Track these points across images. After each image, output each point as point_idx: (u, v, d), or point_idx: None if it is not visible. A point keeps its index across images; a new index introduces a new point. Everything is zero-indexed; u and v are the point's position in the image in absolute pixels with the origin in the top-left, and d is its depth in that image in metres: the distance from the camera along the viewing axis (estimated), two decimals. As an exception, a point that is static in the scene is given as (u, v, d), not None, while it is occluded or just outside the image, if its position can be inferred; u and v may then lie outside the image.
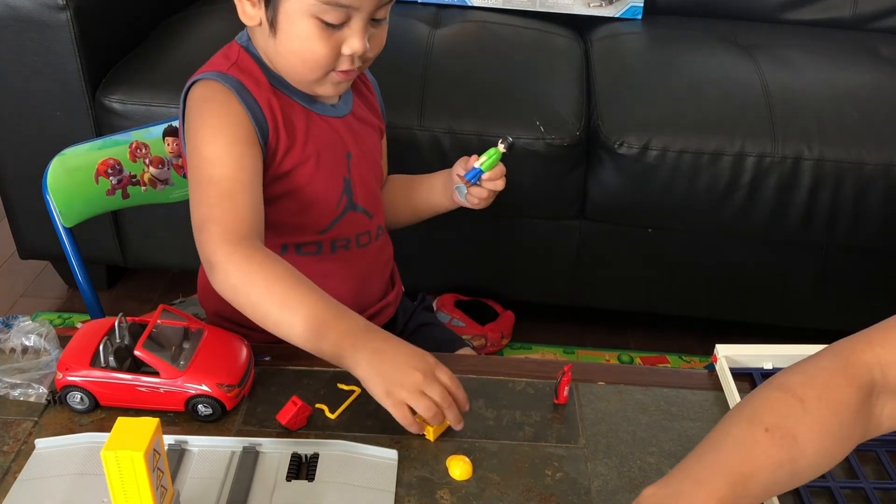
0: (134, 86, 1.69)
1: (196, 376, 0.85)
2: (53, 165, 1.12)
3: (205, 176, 0.94)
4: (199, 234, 0.93)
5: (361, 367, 0.85)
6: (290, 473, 0.80)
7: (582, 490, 0.81)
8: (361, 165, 1.09)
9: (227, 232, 0.90)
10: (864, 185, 1.66)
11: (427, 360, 0.86)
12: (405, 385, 0.83)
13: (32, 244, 1.89)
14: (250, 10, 0.97)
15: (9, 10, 1.61)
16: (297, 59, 0.96)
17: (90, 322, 0.92)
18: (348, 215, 1.08)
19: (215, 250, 0.90)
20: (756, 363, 0.98)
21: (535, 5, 2.07)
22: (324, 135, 1.04)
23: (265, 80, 0.99)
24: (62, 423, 0.86)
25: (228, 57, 1.01)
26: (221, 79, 0.97)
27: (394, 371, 0.84)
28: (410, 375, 0.84)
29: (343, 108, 1.07)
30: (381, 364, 0.84)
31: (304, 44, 0.94)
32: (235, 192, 0.93)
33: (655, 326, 2.00)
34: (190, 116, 0.99)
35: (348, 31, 0.94)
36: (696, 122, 1.69)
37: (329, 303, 0.88)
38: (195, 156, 0.96)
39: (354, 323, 0.87)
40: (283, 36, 0.96)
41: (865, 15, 2.15)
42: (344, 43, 0.95)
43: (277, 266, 0.89)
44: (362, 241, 1.11)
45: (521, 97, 1.73)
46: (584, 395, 0.93)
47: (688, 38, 2.01)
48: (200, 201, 0.94)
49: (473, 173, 1.09)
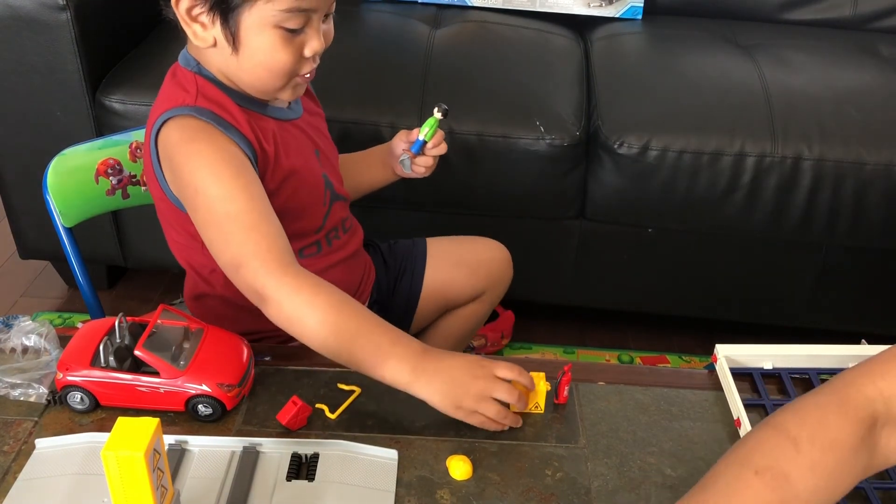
0: (134, 86, 1.69)
1: (196, 376, 0.85)
2: (53, 165, 1.12)
3: (221, 215, 0.93)
4: (238, 271, 0.91)
5: (425, 390, 0.87)
6: (290, 473, 0.80)
7: (582, 490, 0.81)
8: (329, 157, 1.13)
9: (267, 263, 0.90)
10: (864, 185, 1.66)
11: (483, 365, 0.88)
12: (470, 397, 0.86)
13: (32, 244, 1.89)
14: (202, 32, 0.95)
15: (9, 10, 1.61)
16: (263, 71, 0.97)
17: (90, 322, 0.92)
18: (334, 207, 1.11)
19: (264, 284, 0.89)
20: (756, 363, 0.98)
21: (535, 5, 2.07)
22: (295, 140, 1.05)
23: (232, 103, 0.98)
24: (62, 423, 0.86)
25: (187, 88, 0.99)
26: (195, 112, 0.96)
27: (455, 388, 0.86)
28: (472, 387, 0.86)
29: (298, 109, 1.08)
30: (442, 385, 0.86)
31: (269, 55, 0.95)
32: (258, 223, 0.92)
33: (655, 326, 2.00)
34: (175, 161, 0.96)
35: (308, 34, 0.96)
36: (696, 122, 1.69)
37: (382, 330, 0.89)
38: (200, 197, 0.94)
39: (409, 348, 0.89)
40: (246, 51, 0.95)
41: (865, 15, 2.14)
42: (305, 46, 0.96)
43: (324, 294, 0.90)
44: (347, 224, 1.14)
45: (521, 97, 1.73)
46: (584, 395, 0.93)
47: (688, 38, 2.01)
48: (227, 241, 0.93)
49: (418, 145, 1.17)
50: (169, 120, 0.96)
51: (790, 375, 0.97)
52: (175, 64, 1.03)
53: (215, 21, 0.94)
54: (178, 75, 1.01)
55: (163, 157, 0.98)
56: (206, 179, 0.93)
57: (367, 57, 1.79)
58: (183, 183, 0.96)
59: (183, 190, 0.97)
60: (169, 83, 1.02)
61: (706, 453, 0.86)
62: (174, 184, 0.98)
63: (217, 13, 0.93)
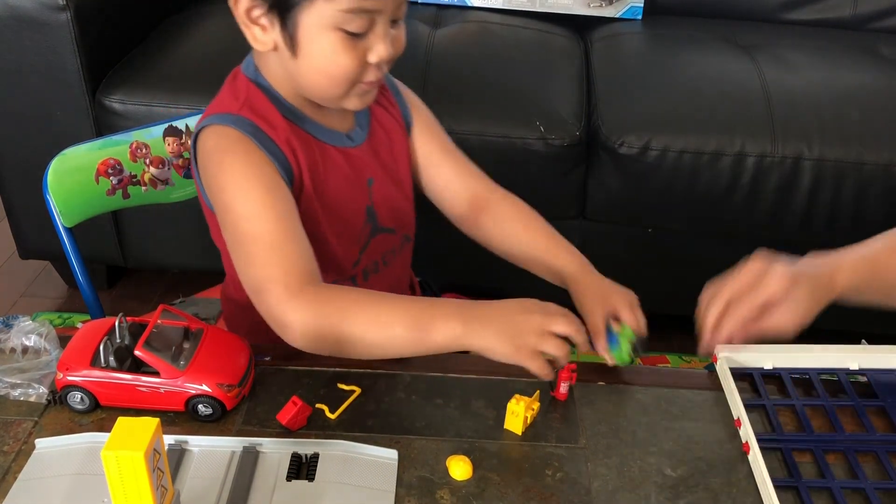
0: (134, 86, 1.69)
1: (196, 376, 0.85)
2: (53, 165, 1.12)
3: (246, 235, 0.90)
4: (259, 296, 0.89)
5: (480, 337, 0.84)
6: (290, 473, 0.80)
7: (582, 490, 0.81)
8: (385, 186, 1.05)
9: (287, 287, 0.87)
10: (864, 185, 1.66)
11: (534, 302, 0.86)
12: (531, 331, 0.83)
13: (32, 244, 1.89)
14: (262, 35, 0.91)
15: (9, 10, 1.61)
16: (322, 77, 0.91)
17: (90, 322, 0.92)
18: (374, 240, 1.05)
19: (284, 310, 0.87)
20: (756, 363, 0.98)
21: (535, 5, 2.08)
22: (338, 170, 0.99)
23: (280, 118, 0.94)
24: (62, 423, 0.86)
25: (237, 95, 0.95)
26: (235, 124, 0.92)
27: (512, 326, 0.84)
28: (529, 322, 0.84)
29: (360, 135, 1.02)
30: (498, 327, 0.84)
31: (329, 59, 0.89)
32: (282, 243, 0.89)
33: (655, 326, 1.99)
34: (208, 170, 0.93)
35: (372, 38, 0.90)
36: (696, 122, 1.69)
37: (415, 300, 0.89)
38: (228, 213, 0.92)
39: (448, 306, 0.87)
40: (305, 55, 0.90)
41: (865, 15, 2.15)
42: (369, 51, 0.90)
43: (347, 295, 0.88)
44: (388, 259, 1.08)
45: (522, 97, 1.73)
46: (584, 395, 0.93)
47: (688, 38, 2.01)
48: (249, 262, 0.90)
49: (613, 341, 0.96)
50: (210, 125, 0.94)
51: (790, 375, 0.97)
52: (238, 66, 1.00)
53: (274, 23, 0.89)
54: (235, 80, 0.98)
55: (199, 161, 0.96)
56: (235, 196, 0.91)
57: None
58: (213, 195, 0.94)
59: (214, 202, 0.95)
60: (226, 86, 0.98)
61: (706, 453, 0.86)
62: (208, 192, 0.96)
63: (276, 14, 0.88)
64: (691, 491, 0.82)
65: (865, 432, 0.89)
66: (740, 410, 0.89)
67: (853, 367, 0.97)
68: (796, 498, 0.82)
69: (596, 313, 0.95)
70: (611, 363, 0.92)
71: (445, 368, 0.96)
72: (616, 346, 0.91)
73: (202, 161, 0.95)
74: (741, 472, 0.84)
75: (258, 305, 0.90)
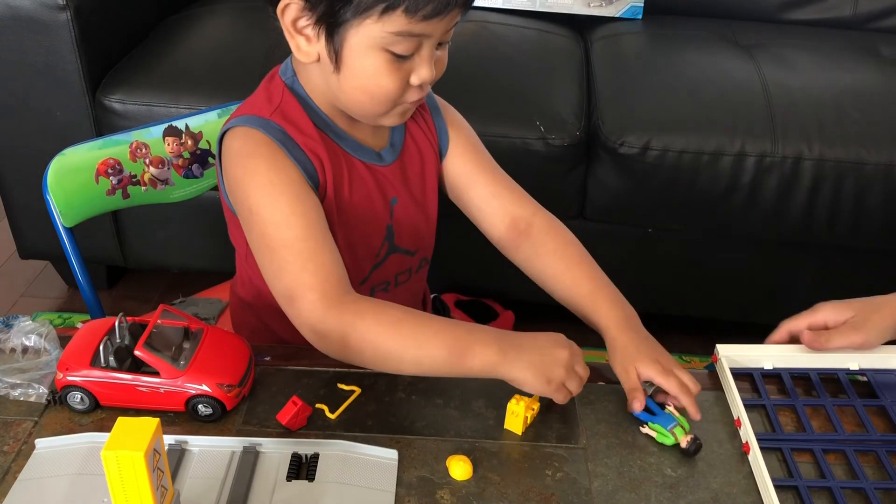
0: (134, 86, 1.69)
1: (196, 376, 0.85)
2: (53, 165, 1.12)
3: (276, 241, 0.89)
4: (293, 303, 0.88)
5: (515, 367, 0.85)
6: (290, 473, 0.80)
7: (582, 490, 0.81)
8: (408, 207, 1.04)
9: (326, 295, 0.86)
10: (864, 185, 1.66)
11: (562, 337, 0.89)
12: (560, 367, 0.86)
13: (32, 244, 1.89)
14: (306, 46, 0.89)
15: (9, 10, 1.61)
16: (363, 95, 0.90)
17: (90, 322, 0.92)
18: (389, 259, 1.04)
19: (322, 318, 0.86)
20: (756, 363, 0.98)
21: (535, 5, 2.07)
22: (366, 185, 0.98)
23: (311, 126, 0.93)
24: (62, 423, 0.86)
25: (272, 99, 0.94)
26: (264, 128, 0.91)
27: (543, 360, 0.86)
28: (559, 356, 0.86)
29: (391, 155, 1.01)
30: (531, 358, 0.86)
31: (372, 79, 0.88)
32: (315, 251, 0.88)
33: (655, 326, 1.99)
34: (232, 172, 0.92)
35: (417, 61, 0.88)
36: (696, 122, 1.69)
37: (455, 324, 0.88)
38: (254, 218, 0.90)
39: (488, 332, 0.88)
40: (348, 72, 0.88)
41: (865, 15, 2.15)
42: (413, 73, 0.89)
43: (388, 310, 0.87)
44: (401, 279, 1.07)
45: (522, 97, 1.73)
46: (584, 395, 0.93)
47: (688, 38, 2.01)
48: (282, 269, 0.88)
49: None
50: (238, 126, 0.93)
51: (790, 375, 0.97)
52: (276, 68, 0.98)
53: (320, 36, 0.87)
54: (271, 82, 0.97)
55: (224, 161, 0.95)
56: (262, 201, 0.89)
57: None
58: (237, 198, 0.93)
59: (238, 205, 0.93)
60: (261, 87, 0.97)
61: (706, 453, 0.86)
62: (231, 194, 0.95)
63: (323, 28, 0.86)
64: (691, 491, 0.82)
65: (865, 432, 0.89)
66: (740, 410, 0.89)
67: (853, 367, 0.97)
68: (796, 498, 0.82)
69: (627, 375, 0.92)
70: (650, 433, 0.88)
71: (445, 368, 0.96)
72: (666, 427, 0.87)
73: (226, 162, 0.94)
74: (741, 472, 0.84)
75: (290, 312, 0.88)
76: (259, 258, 0.92)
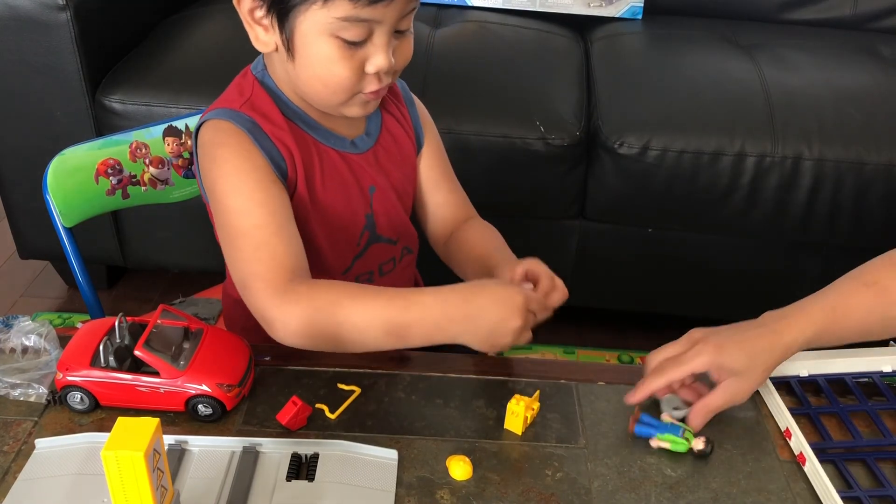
0: (134, 86, 1.69)
1: (196, 376, 0.85)
2: (53, 165, 1.12)
3: (235, 229, 0.90)
4: (245, 291, 0.88)
5: (460, 339, 0.86)
6: (290, 473, 0.80)
7: (582, 490, 0.81)
8: (388, 196, 1.03)
9: (272, 283, 0.86)
10: (864, 185, 1.66)
11: (514, 301, 0.86)
12: (508, 335, 0.86)
13: (32, 244, 1.89)
14: (264, 36, 0.90)
15: (9, 10, 1.61)
16: (318, 84, 0.90)
17: (90, 322, 0.92)
18: (371, 248, 1.04)
19: (267, 306, 0.86)
20: (792, 371, 0.95)
21: (535, 5, 2.08)
22: (339, 173, 0.98)
23: (280, 117, 0.93)
24: (62, 423, 0.86)
25: (242, 92, 0.95)
26: (233, 118, 0.92)
27: (491, 331, 0.86)
28: (510, 327, 0.85)
29: (365, 143, 1.00)
30: (477, 331, 0.86)
31: (325, 66, 0.87)
32: (269, 239, 0.88)
33: (655, 326, 1.99)
34: (204, 162, 0.94)
35: (371, 48, 0.87)
36: (696, 122, 1.69)
37: (393, 301, 0.86)
38: (219, 206, 0.91)
39: (425, 310, 0.86)
40: (301, 60, 0.89)
41: (865, 15, 2.15)
42: (367, 61, 0.88)
43: (325, 294, 0.87)
44: (386, 269, 1.07)
45: (521, 97, 1.73)
46: (584, 395, 0.93)
47: (688, 38, 2.01)
48: (237, 258, 0.89)
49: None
50: (209, 119, 0.94)
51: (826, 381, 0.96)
52: (249, 65, 0.99)
53: (274, 24, 0.88)
54: (244, 78, 0.98)
55: (198, 154, 0.96)
56: (226, 189, 0.90)
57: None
58: (207, 188, 0.94)
59: (208, 194, 0.95)
60: (234, 83, 0.98)
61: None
62: (204, 185, 0.96)
63: (274, 16, 0.87)
64: (691, 491, 0.82)
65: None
66: (789, 421, 0.87)
67: (886, 369, 0.96)
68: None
69: (512, 271, 0.96)
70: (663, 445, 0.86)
71: (445, 368, 0.96)
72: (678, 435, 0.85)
73: (199, 154, 0.95)
74: (741, 472, 0.84)
75: (246, 301, 0.90)
76: (223, 247, 0.93)
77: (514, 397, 0.87)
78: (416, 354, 0.98)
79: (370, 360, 0.95)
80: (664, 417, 0.88)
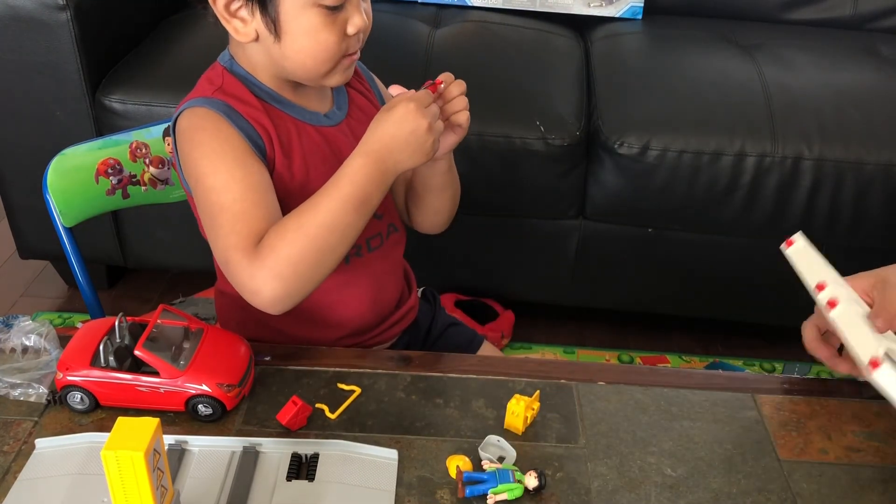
0: (134, 86, 1.69)
1: (196, 376, 0.85)
2: (53, 165, 1.12)
3: (215, 206, 0.91)
4: (227, 266, 0.90)
5: (401, 166, 0.92)
6: (290, 473, 0.80)
7: (582, 490, 0.81)
8: None
9: (246, 252, 0.88)
10: (864, 185, 1.66)
11: (407, 109, 0.91)
12: (426, 132, 0.91)
13: (32, 244, 1.89)
14: (242, 28, 0.94)
15: (9, 10, 1.61)
16: (307, 56, 0.94)
17: (90, 322, 0.92)
18: None
19: (252, 274, 0.88)
20: None
21: (535, 5, 2.07)
22: (318, 147, 1.01)
23: (253, 98, 0.97)
24: (62, 423, 0.86)
25: (213, 81, 0.98)
26: (208, 104, 0.95)
27: (413, 144, 0.91)
28: (420, 126, 0.91)
29: (338, 115, 1.04)
30: (403, 151, 0.91)
31: (313, 37, 0.92)
32: (247, 211, 0.90)
33: (655, 326, 2.00)
34: (182, 149, 0.96)
35: (349, 10, 0.93)
36: (696, 122, 1.69)
37: (333, 185, 0.90)
38: (200, 187, 0.93)
39: (358, 166, 0.90)
40: (289, 37, 0.93)
41: (865, 15, 2.15)
42: (348, 23, 0.93)
43: (283, 230, 0.88)
44: (373, 244, 1.08)
45: (521, 97, 1.73)
46: (584, 395, 0.93)
47: (688, 38, 2.01)
48: (217, 234, 0.91)
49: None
50: (185, 109, 0.96)
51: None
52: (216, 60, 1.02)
53: (254, 12, 0.92)
54: (213, 69, 1.01)
55: (177, 144, 0.98)
56: (206, 169, 0.92)
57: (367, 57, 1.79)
58: (187, 173, 0.96)
59: (188, 180, 0.96)
60: (203, 77, 1.01)
61: (706, 453, 0.86)
62: (185, 173, 0.97)
63: (255, 3, 0.92)
64: (691, 491, 0.82)
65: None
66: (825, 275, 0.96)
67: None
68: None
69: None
70: (500, 498, 0.79)
71: (445, 368, 0.96)
72: (510, 481, 0.79)
73: (178, 143, 0.97)
74: (741, 472, 0.84)
75: (229, 277, 0.91)
76: (206, 232, 0.94)
77: (514, 397, 0.87)
78: (417, 354, 0.98)
79: (370, 360, 0.95)
80: (485, 465, 0.81)
